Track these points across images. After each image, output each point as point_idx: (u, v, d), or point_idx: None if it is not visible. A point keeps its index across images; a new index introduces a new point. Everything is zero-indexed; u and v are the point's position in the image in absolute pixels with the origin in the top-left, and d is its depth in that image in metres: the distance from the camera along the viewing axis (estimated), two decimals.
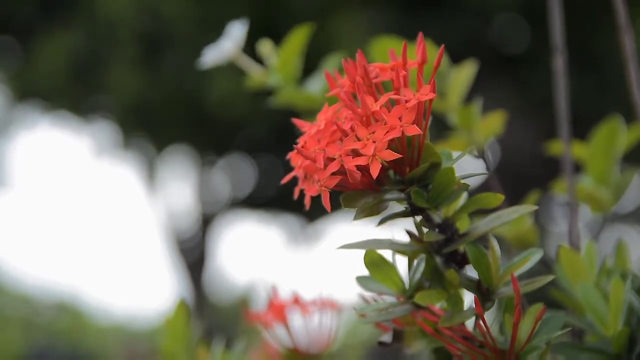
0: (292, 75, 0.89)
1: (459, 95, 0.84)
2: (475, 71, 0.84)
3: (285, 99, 0.89)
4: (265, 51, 0.90)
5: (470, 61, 0.84)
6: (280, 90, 0.89)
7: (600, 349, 0.63)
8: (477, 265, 0.57)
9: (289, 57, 0.89)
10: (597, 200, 0.82)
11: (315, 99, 0.88)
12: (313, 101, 0.88)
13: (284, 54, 0.89)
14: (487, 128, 0.84)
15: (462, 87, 0.84)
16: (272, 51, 0.90)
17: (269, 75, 0.90)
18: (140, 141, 5.24)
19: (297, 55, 0.89)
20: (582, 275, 0.66)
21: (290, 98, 0.89)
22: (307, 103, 0.88)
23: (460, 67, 0.84)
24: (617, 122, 0.83)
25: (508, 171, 4.05)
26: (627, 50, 0.78)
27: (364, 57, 0.55)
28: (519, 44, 4.36)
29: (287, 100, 0.89)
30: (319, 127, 0.54)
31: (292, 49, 0.88)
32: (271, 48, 0.90)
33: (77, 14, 4.42)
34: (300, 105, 0.89)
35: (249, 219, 6.39)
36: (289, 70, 0.89)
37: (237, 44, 0.88)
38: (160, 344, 0.81)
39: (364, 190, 0.55)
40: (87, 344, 7.66)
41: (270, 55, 0.90)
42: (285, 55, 0.89)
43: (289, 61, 0.89)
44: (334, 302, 0.85)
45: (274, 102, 0.90)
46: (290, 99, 0.89)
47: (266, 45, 0.90)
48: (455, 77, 0.84)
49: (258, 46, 0.90)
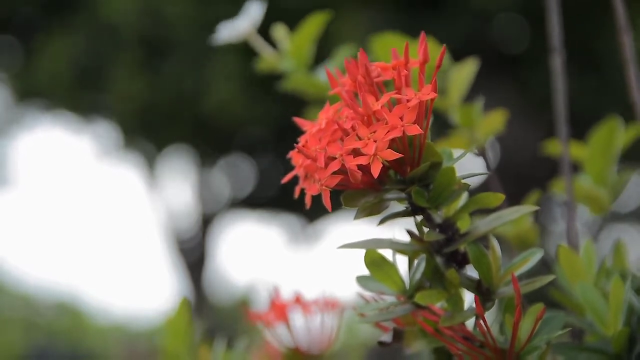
0: (304, 60, 0.90)
1: (460, 93, 0.84)
2: (476, 69, 0.84)
3: (295, 84, 0.89)
4: (279, 35, 0.90)
5: (472, 59, 0.84)
6: (292, 75, 0.89)
7: (600, 349, 0.63)
8: (477, 265, 0.57)
9: (302, 42, 0.89)
10: (595, 200, 0.82)
11: (325, 88, 0.88)
12: (322, 89, 0.88)
13: (298, 39, 0.89)
14: (488, 126, 0.84)
15: (463, 84, 0.84)
16: (285, 36, 0.90)
17: (281, 59, 0.90)
18: (140, 141, 5.24)
19: (311, 41, 0.89)
20: (580, 275, 0.66)
21: (301, 83, 0.89)
22: (316, 90, 0.89)
23: (461, 64, 0.84)
24: (615, 123, 0.83)
25: (509, 171, 4.05)
26: (627, 51, 0.78)
27: (365, 56, 0.55)
28: (519, 44, 4.36)
29: (297, 85, 0.89)
30: (320, 126, 0.54)
31: (307, 35, 0.89)
32: (284, 32, 0.90)
33: (79, 15, 4.43)
34: (309, 92, 0.89)
35: (249, 219, 6.39)
36: (301, 56, 0.89)
37: (253, 24, 0.88)
38: (162, 344, 0.81)
39: (364, 189, 0.55)
40: (87, 344, 7.66)
41: (283, 39, 0.90)
42: (299, 40, 0.89)
43: (302, 46, 0.89)
44: (335, 302, 0.85)
45: (284, 86, 0.90)
46: (300, 84, 0.89)
47: (280, 30, 0.91)
48: (456, 74, 0.84)
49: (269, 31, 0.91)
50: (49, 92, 4.71)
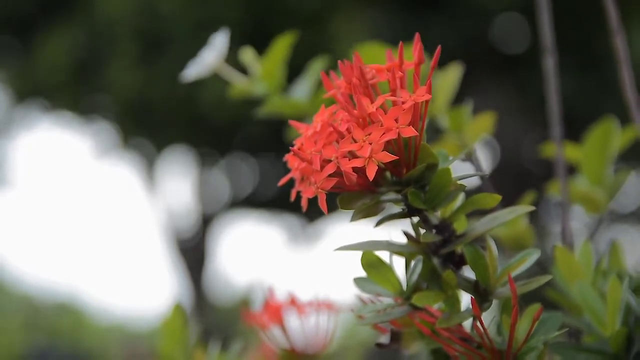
0: (277, 83, 0.88)
1: (446, 98, 0.84)
2: (462, 73, 0.84)
3: (271, 108, 0.88)
4: (247, 59, 0.89)
5: (456, 65, 0.84)
6: (266, 99, 0.88)
7: (598, 349, 0.63)
8: (474, 266, 0.57)
9: (273, 65, 0.87)
10: (591, 201, 0.82)
11: (302, 106, 0.87)
12: (300, 108, 0.87)
13: (268, 62, 0.87)
14: (477, 129, 0.84)
15: (449, 90, 0.84)
16: (254, 59, 0.88)
17: (253, 85, 0.88)
18: (140, 141, 5.24)
19: (282, 64, 0.88)
20: (577, 275, 0.66)
21: (277, 107, 0.87)
22: (294, 110, 0.87)
23: (445, 71, 0.84)
24: (611, 123, 0.83)
25: (509, 171, 4.05)
26: (620, 52, 0.78)
27: (359, 58, 0.55)
28: (519, 44, 4.36)
29: (273, 109, 0.88)
30: (315, 128, 0.54)
31: (277, 57, 0.87)
32: (253, 56, 0.88)
33: (76, 12, 4.43)
34: (287, 113, 0.87)
35: (249, 219, 6.39)
36: (273, 79, 0.87)
37: (220, 55, 0.86)
38: (158, 346, 0.81)
39: (360, 191, 0.55)
40: (87, 344, 7.66)
41: (253, 63, 0.88)
42: (270, 63, 0.87)
43: (273, 69, 0.87)
44: (331, 303, 0.85)
45: (261, 112, 0.88)
46: (276, 107, 0.87)
47: (248, 54, 0.89)
48: (442, 80, 0.83)
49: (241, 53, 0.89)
50: (48, 90, 4.71)
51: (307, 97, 0.86)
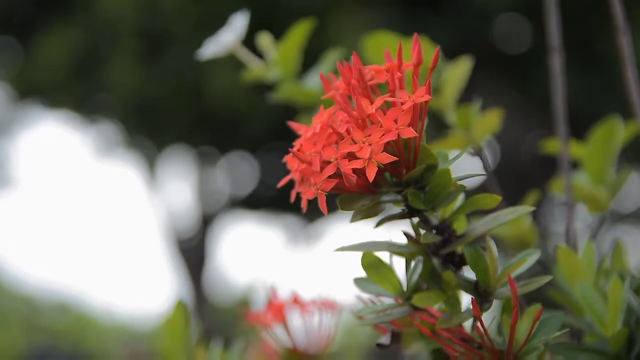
0: (292, 69, 0.88)
1: (455, 92, 0.84)
2: (471, 67, 0.83)
3: (284, 94, 0.88)
4: (264, 44, 0.89)
5: (466, 57, 0.83)
6: (280, 84, 0.88)
7: (599, 349, 0.62)
8: (474, 267, 0.57)
9: (289, 51, 0.88)
10: (594, 200, 0.82)
11: (315, 95, 0.87)
12: (312, 97, 0.87)
13: (284, 48, 0.88)
14: (485, 126, 0.84)
15: (458, 83, 0.83)
16: (271, 45, 0.89)
17: (268, 69, 0.89)
18: (141, 140, 5.24)
19: (298, 50, 0.88)
20: (580, 275, 0.66)
21: (290, 93, 0.88)
22: (306, 99, 0.87)
23: (455, 63, 0.84)
24: (614, 122, 0.83)
25: (510, 171, 4.05)
26: (625, 51, 0.78)
27: (359, 59, 0.55)
28: (521, 43, 4.36)
29: (286, 95, 0.88)
30: (314, 130, 0.54)
31: (293, 43, 0.88)
32: (270, 41, 0.89)
33: (77, 10, 4.43)
34: (300, 101, 0.88)
35: (249, 219, 6.39)
36: (289, 65, 0.88)
37: (238, 36, 0.87)
38: (159, 345, 0.81)
39: (360, 192, 0.55)
40: (88, 344, 7.66)
41: (269, 48, 0.89)
42: (286, 49, 0.88)
43: (289, 55, 0.88)
44: (333, 303, 0.85)
45: (274, 97, 0.89)
46: (289, 94, 0.88)
47: (265, 39, 0.89)
48: (451, 73, 0.83)
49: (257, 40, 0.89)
50: (49, 89, 4.71)
51: (319, 87, 0.86)
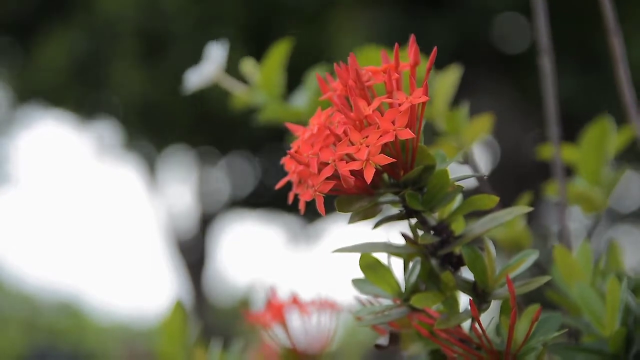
0: (275, 91, 0.88)
1: (445, 101, 0.84)
2: (460, 75, 0.83)
3: (270, 115, 0.87)
4: (248, 70, 0.88)
5: (454, 66, 0.84)
6: (265, 107, 0.88)
7: (597, 350, 0.63)
8: (472, 267, 0.57)
9: (270, 72, 0.87)
10: (589, 200, 0.82)
11: (301, 114, 0.86)
12: (299, 116, 0.86)
13: (265, 70, 0.87)
14: (475, 131, 0.84)
15: (448, 92, 0.83)
16: (254, 69, 0.88)
17: (253, 94, 0.88)
18: (141, 141, 5.24)
19: (279, 71, 0.88)
20: (576, 275, 0.66)
21: (276, 114, 0.87)
22: (292, 118, 0.86)
23: (444, 72, 0.84)
24: (607, 122, 0.83)
25: (510, 171, 4.05)
26: (617, 52, 0.78)
27: (355, 60, 0.55)
28: (520, 44, 4.35)
29: (272, 116, 0.87)
30: (312, 131, 0.54)
31: (274, 65, 0.87)
32: (254, 66, 0.88)
33: (77, 11, 4.42)
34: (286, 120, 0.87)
35: (249, 219, 6.39)
36: (271, 87, 0.87)
37: (219, 66, 0.86)
38: (157, 345, 0.81)
39: (358, 194, 0.55)
40: (88, 344, 7.66)
41: (253, 73, 0.88)
42: (267, 71, 0.87)
43: (271, 77, 0.87)
44: (333, 303, 0.85)
45: (260, 120, 0.88)
46: (275, 115, 0.87)
47: (248, 64, 0.89)
48: (440, 82, 0.83)
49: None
50: (50, 90, 4.71)
51: (306, 105, 0.86)
